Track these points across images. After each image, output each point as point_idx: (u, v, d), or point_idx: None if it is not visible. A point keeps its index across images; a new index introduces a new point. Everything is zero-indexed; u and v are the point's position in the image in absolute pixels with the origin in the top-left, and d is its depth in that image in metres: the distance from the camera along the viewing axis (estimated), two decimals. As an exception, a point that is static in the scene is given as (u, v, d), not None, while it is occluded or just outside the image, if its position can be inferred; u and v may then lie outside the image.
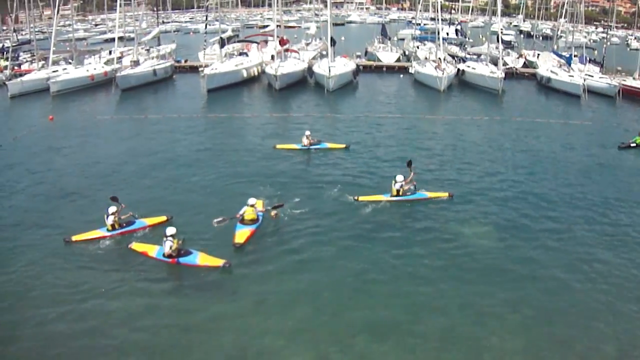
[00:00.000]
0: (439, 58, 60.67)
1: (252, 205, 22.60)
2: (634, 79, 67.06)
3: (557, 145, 38.76)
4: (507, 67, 67.59)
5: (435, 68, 58.05)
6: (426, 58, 65.76)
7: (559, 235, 23.34)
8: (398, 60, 71.96)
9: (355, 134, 38.14)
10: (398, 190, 26.17)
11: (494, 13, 72.84)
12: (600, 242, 22.92)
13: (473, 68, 61.54)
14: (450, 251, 21.22)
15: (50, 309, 17.02)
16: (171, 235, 19.78)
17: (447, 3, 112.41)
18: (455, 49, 76.46)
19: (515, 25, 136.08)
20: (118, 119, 42.60)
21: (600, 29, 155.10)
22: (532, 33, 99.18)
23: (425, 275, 19.33)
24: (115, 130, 39.55)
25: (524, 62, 77.09)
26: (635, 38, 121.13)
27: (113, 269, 19.53)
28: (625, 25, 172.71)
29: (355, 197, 26.20)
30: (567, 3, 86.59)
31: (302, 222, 23.25)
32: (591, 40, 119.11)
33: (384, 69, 68.39)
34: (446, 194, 27.30)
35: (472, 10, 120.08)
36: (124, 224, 22.31)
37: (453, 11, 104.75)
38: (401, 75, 65.04)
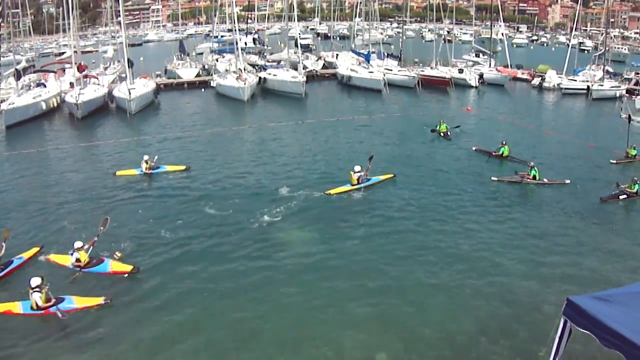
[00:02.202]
0: (240, 69, 62.81)
1: (80, 248, 21.66)
2: (431, 68, 73.64)
3: (367, 140, 43.45)
4: (308, 70, 71.67)
5: (237, 79, 60.25)
6: (227, 70, 67.75)
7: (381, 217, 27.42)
8: (198, 75, 72.96)
9: (173, 154, 39.00)
10: (358, 179, 30.99)
11: (290, 19, 75.99)
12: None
13: (274, 75, 64.65)
14: (282, 260, 23.45)
15: None
16: (37, 287, 18.49)
17: (243, 13, 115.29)
18: (254, 58, 79.12)
19: (312, 29, 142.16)
20: None
21: (395, 25, 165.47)
22: (329, 34, 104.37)
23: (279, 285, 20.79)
24: None
25: (324, 64, 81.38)
26: (429, 30, 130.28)
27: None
28: (419, 19, 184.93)
29: (326, 192, 29.98)
30: (361, 3, 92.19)
31: (165, 247, 23.71)
32: (387, 36, 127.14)
33: (185, 85, 69.27)
34: (391, 175, 33.02)
35: (268, 18, 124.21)
36: (2, 266, 21.56)
37: (250, 20, 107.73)
38: (203, 90, 66.44)
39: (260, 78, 64.83)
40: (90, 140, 44.03)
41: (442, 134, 43.50)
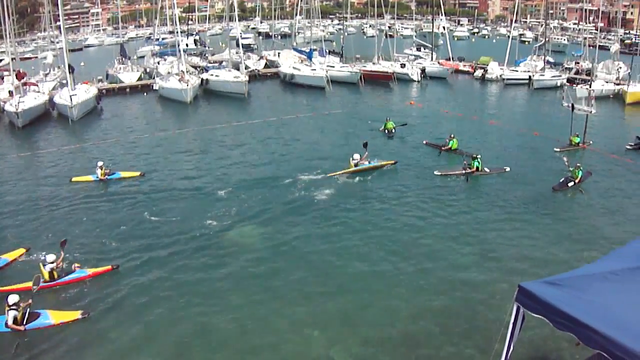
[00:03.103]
0: (182, 71, 62.47)
1: (52, 262, 21.10)
2: (373, 63, 74.59)
3: (313, 138, 44.01)
4: (250, 70, 71.72)
5: (179, 81, 59.94)
6: (169, 72, 67.14)
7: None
8: (140, 78, 71.42)
9: (120, 159, 38.68)
10: (355, 164, 34.00)
11: (231, 19, 75.77)
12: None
13: (217, 76, 64.70)
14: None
15: None
16: (14, 304, 18.21)
17: (183, 14, 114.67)
18: (196, 60, 78.77)
19: (254, 28, 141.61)
20: None
21: (336, 21, 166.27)
22: (270, 33, 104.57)
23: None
24: None
25: (266, 63, 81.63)
26: (370, 26, 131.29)
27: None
28: (360, 15, 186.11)
29: (327, 174, 32.68)
30: (302, 0, 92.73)
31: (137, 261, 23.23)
32: (329, 33, 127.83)
33: (128, 89, 67.79)
34: (392, 162, 34.81)
35: (209, 19, 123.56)
36: None
37: (190, 22, 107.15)
38: (145, 94, 65.51)
39: (202, 79, 64.65)
40: (33, 149, 43.23)
41: (387, 131, 43.95)
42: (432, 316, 18.84)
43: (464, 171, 33.62)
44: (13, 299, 18.34)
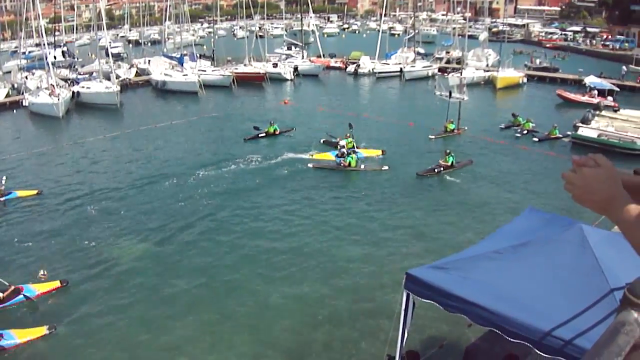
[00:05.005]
0: (52, 84, 60.27)
1: None
2: (245, 65, 75.11)
3: (179, 143, 44.15)
4: (121, 79, 70.17)
5: (50, 95, 57.81)
6: (38, 87, 64.34)
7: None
8: (8, 95, 67.88)
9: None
10: (343, 154, 34.78)
11: (99, 28, 74.18)
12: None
13: (88, 87, 62.87)
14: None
15: None
16: None
17: (50, 25, 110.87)
18: (66, 72, 75.33)
19: (123, 36, 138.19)
20: None
21: (206, 25, 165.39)
22: (140, 41, 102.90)
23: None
24: None
25: (137, 71, 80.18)
26: (240, 27, 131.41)
27: None
28: (229, 17, 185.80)
29: (311, 154, 33.68)
30: (170, 6, 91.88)
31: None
32: (199, 37, 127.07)
33: None
34: (379, 152, 35.99)
35: (76, 29, 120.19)
36: None
37: (58, 32, 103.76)
38: (14, 111, 62.48)
39: (73, 92, 62.42)
40: None
41: (267, 133, 43.94)
42: (325, 310, 19.49)
43: (341, 166, 34.34)
44: None
